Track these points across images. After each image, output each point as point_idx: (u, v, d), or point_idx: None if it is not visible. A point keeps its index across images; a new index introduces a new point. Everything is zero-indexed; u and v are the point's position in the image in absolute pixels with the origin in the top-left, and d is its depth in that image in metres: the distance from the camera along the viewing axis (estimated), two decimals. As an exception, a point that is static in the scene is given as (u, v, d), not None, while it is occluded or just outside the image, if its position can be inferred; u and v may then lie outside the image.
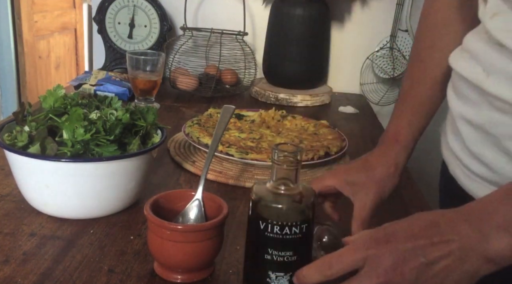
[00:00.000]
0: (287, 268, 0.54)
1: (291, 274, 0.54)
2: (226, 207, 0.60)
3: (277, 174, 0.54)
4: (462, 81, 0.65)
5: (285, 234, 0.53)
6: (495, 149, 0.62)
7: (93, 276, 0.59)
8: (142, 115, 0.76)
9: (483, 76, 0.60)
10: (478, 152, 0.65)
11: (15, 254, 0.62)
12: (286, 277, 0.54)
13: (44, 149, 0.67)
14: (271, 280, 0.55)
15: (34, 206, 0.72)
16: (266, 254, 0.54)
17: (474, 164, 0.66)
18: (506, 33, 0.58)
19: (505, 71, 0.57)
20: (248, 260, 0.57)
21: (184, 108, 1.31)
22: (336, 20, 1.59)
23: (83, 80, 1.36)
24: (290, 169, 0.53)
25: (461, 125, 0.68)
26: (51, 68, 3.41)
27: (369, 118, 1.39)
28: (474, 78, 0.62)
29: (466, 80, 0.64)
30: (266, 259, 0.54)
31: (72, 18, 3.59)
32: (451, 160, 0.73)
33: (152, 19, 1.49)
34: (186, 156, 0.96)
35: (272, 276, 0.55)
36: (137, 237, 0.68)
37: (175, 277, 0.59)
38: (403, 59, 1.55)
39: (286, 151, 0.53)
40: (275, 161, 0.54)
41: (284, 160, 0.53)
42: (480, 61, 0.62)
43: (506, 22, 0.59)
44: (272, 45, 1.49)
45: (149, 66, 1.23)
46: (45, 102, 0.74)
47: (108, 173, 0.69)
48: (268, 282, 0.55)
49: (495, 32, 0.59)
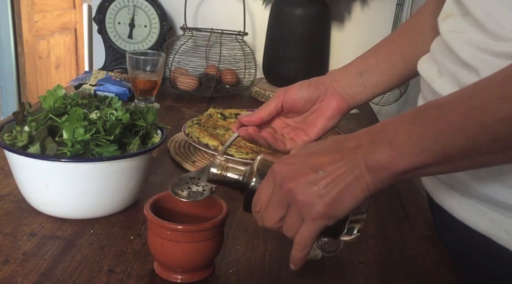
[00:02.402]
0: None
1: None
2: (226, 207, 0.60)
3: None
4: (423, 82, 0.66)
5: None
6: None
7: (93, 276, 0.59)
8: (142, 115, 0.76)
9: (436, 76, 0.61)
10: None
11: (15, 254, 0.62)
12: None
13: (44, 149, 0.67)
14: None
15: (34, 206, 0.72)
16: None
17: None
18: (453, 34, 0.58)
19: (453, 73, 0.58)
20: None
21: (184, 108, 1.31)
22: (336, 20, 1.59)
23: (83, 80, 1.36)
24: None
25: None
26: (51, 68, 3.41)
27: (369, 118, 1.39)
28: (429, 78, 0.63)
29: (424, 80, 0.65)
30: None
31: (72, 18, 3.60)
32: None
33: (152, 19, 1.49)
34: (186, 156, 0.96)
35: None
36: (137, 237, 0.68)
37: (175, 277, 0.59)
38: (403, 59, 1.55)
39: (271, 163, 0.56)
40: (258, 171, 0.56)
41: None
42: (436, 61, 0.62)
43: (455, 24, 0.59)
44: (272, 45, 1.49)
45: (149, 66, 1.23)
46: (45, 102, 0.74)
47: (108, 173, 0.69)
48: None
49: (445, 34, 0.60)
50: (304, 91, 0.71)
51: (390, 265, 0.67)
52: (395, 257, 0.69)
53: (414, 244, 0.72)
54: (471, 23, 0.56)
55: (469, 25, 0.56)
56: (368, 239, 0.72)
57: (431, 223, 0.79)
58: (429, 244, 0.73)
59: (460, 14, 0.59)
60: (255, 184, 0.55)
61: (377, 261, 0.67)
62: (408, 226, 0.78)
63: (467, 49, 0.55)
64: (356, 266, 0.65)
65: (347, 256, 0.67)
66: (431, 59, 0.64)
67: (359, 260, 0.67)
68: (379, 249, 0.70)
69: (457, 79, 0.56)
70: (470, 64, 0.54)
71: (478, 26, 0.55)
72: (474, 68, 0.53)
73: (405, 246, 0.72)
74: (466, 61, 0.55)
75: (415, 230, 0.76)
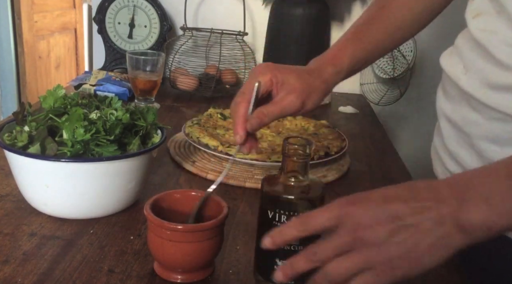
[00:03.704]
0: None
1: None
2: (226, 207, 0.60)
3: (287, 167, 0.56)
4: (446, 78, 0.65)
5: None
6: (469, 149, 0.62)
7: (93, 276, 0.59)
8: (142, 115, 0.76)
9: (462, 73, 0.60)
10: (454, 151, 0.65)
11: (15, 254, 0.62)
12: None
13: (44, 149, 0.67)
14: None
15: (34, 206, 0.72)
16: None
17: (450, 163, 0.67)
18: (484, 32, 0.58)
19: (480, 71, 0.57)
20: (258, 248, 0.59)
21: (184, 108, 1.31)
22: (336, 20, 1.59)
23: (83, 80, 1.36)
24: (299, 161, 0.56)
25: (442, 123, 0.68)
26: (51, 68, 3.41)
27: (369, 118, 1.39)
28: (454, 74, 0.62)
29: (448, 77, 0.64)
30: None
31: (72, 18, 3.59)
32: (434, 158, 0.73)
33: (152, 19, 1.49)
34: (186, 156, 0.96)
35: (280, 264, 0.56)
36: (137, 237, 0.68)
37: (175, 277, 0.59)
38: (403, 59, 1.55)
39: (296, 144, 0.56)
40: (285, 154, 0.56)
41: (294, 153, 0.56)
42: (463, 58, 0.62)
43: (487, 23, 0.59)
44: (272, 45, 1.49)
45: (149, 66, 1.22)
46: (45, 102, 0.74)
47: (108, 173, 0.69)
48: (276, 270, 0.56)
49: (476, 32, 0.60)
50: (298, 101, 0.68)
51: (390, 265, 0.67)
52: (395, 257, 0.69)
53: (414, 244, 0.72)
54: (506, 21, 0.55)
55: (503, 24, 0.56)
56: (368, 239, 0.72)
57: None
58: (429, 244, 0.72)
59: (493, 12, 0.58)
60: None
61: (377, 261, 0.67)
62: (408, 226, 0.78)
63: (503, 48, 0.54)
64: (356, 266, 0.65)
65: (347, 256, 0.67)
66: (456, 55, 0.63)
67: (359, 260, 0.67)
68: (379, 249, 0.70)
69: (486, 76, 0.55)
70: (505, 62, 0.53)
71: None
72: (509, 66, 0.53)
73: (405, 246, 0.72)
74: (501, 60, 0.54)
75: (415, 230, 0.76)
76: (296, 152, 0.56)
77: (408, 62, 1.54)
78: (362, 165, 1.02)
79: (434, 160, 0.73)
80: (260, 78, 0.66)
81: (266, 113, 0.64)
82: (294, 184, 0.56)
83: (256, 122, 0.63)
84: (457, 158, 0.64)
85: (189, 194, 0.64)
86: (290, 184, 0.57)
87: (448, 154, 0.67)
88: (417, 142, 1.64)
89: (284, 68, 0.69)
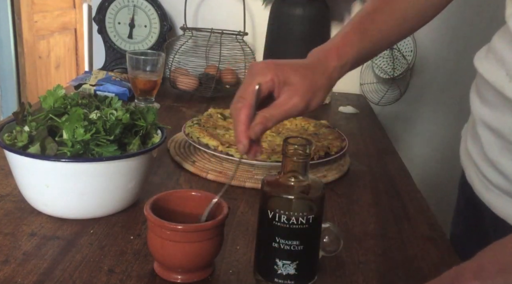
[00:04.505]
0: (294, 256, 0.57)
1: (297, 262, 0.57)
2: (226, 207, 0.60)
3: (287, 167, 0.57)
4: (485, 83, 0.62)
5: (292, 224, 0.55)
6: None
7: (93, 276, 0.59)
8: (142, 115, 0.76)
9: (506, 80, 0.57)
10: (495, 159, 0.62)
11: (15, 254, 0.62)
12: (292, 265, 0.57)
13: (44, 149, 0.67)
14: (278, 268, 0.57)
15: (34, 206, 0.72)
16: (273, 242, 0.56)
17: (490, 172, 0.64)
18: None
19: None
20: (258, 248, 0.60)
21: (184, 108, 1.31)
22: (336, 20, 1.59)
23: (83, 80, 1.36)
24: (299, 161, 0.56)
25: (481, 130, 0.65)
26: (51, 68, 3.41)
27: (369, 118, 1.39)
28: (497, 82, 0.59)
29: (488, 83, 0.61)
30: (273, 247, 0.57)
31: (72, 18, 3.59)
32: (468, 165, 0.70)
33: (152, 19, 1.49)
34: (186, 156, 0.96)
35: (279, 264, 0.57)
36: (137, 237, 0.68)
37: (175, 277, 0.59)
38: (403, 59, 1.55)
39: (296, 144, 0.56)
40: (285, 154, 0.56)
41: (294, 153, 0.56)
42: (505, 64, 0.58)
43: None
44: (272, 45, 1.49)
45: (149, 66, 1.23)
46: (45, 102, 0.74)
47: (108, 173, 0.69)
48: (276, 270, 0.57)
49: None
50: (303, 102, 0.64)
51: (390, 265, 0.67)
52: (395, 257, 0.69)
53: (414, 244, 0.72)
54: None
55: None
56: (368, 239, 0.72)
57: (431, 223, 0.79)
58: (429, 244, 0.73)
59: None
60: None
61: (377, 261, 0.67)
62: (408, 226, 0.78)
63: None
64: (356, 266, 0.65)
65: (347, 256, 0.67)
66: (495, 59, 0.60)
67: (359, 260, 0.67)
68: (379, 249, 0.70)
69: None
70: None
71: None
72: None
73: (405, 246, 0.72)
74: None
75: (415, 230, 0.76)
76: (296, 152, 0.56)
77: (408, 62, 1.54)
78: (362, 165, 1.02)
79: (468, 167, 0.70)
80: (260, 79, 0.62)
81: (269, 117, 0.61)
82: (294, 184, 0.57)
83: (260, 129, 0.60)
84: (499, 168, 0.61)
85: (189, 194, 0.64)
86: (290, 184, 0.57)
87: (487, 162, 0.64)
88: (417, 142, 1.64)
89: (286, 65, 0.65)
